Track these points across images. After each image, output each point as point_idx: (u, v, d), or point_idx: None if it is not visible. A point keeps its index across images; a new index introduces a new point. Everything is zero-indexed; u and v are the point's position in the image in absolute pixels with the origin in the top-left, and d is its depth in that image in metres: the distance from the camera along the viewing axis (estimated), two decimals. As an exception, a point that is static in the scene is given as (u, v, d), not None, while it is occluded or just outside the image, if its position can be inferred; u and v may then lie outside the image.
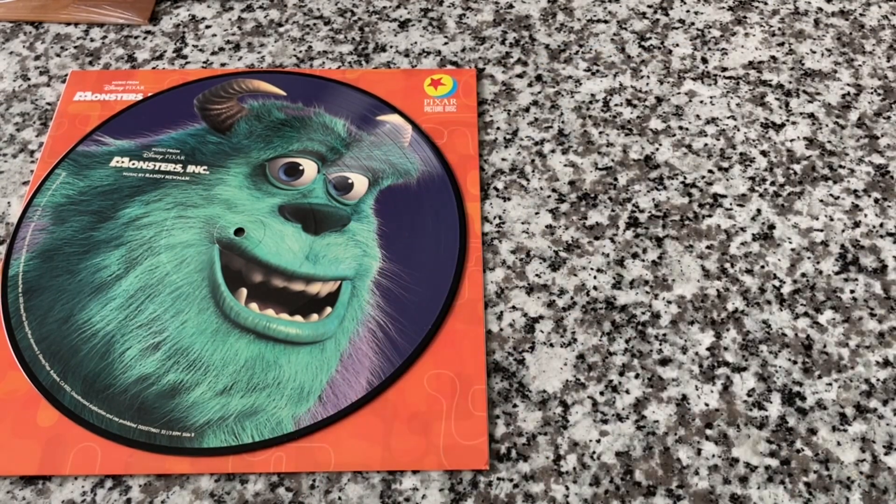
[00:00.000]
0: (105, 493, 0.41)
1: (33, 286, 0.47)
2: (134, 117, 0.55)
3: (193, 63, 0.59)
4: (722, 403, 0.44)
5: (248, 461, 0.41)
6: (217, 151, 0.53)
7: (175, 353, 0.44)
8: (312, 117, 0.54)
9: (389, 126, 0.54)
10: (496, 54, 0.59)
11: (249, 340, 0.45)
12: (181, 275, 0.47)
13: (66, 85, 0.57)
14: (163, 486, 0.41)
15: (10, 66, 0.59)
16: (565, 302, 0.47)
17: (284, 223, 0.49)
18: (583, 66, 0.59)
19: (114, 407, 0.43)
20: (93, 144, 0.53)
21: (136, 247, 0.48)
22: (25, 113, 0.56)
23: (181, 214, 0.50)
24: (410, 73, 0.57)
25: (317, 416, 0.43)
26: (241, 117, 0.54)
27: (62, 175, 0.51)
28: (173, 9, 0.62)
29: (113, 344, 0.45)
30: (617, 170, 0.53)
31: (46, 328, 0.45)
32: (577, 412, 0.44)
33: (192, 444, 0.42)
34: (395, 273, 0.48)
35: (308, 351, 0.45)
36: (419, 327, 0.46)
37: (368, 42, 0.60)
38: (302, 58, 0.59)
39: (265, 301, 0.46)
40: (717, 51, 0.60)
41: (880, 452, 0.42)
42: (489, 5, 0.63)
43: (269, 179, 0.51)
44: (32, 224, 0.49)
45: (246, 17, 0.62)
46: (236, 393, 0.43)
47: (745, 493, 0.41)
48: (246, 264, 0.47)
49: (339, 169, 0.52)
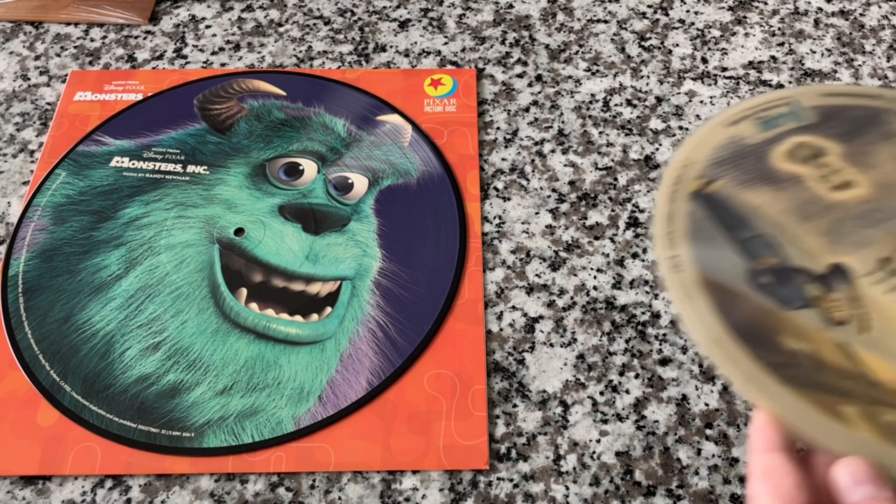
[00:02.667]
0: (105, 493, 0.41)
1: (33, 286, 0.47)
2: (134, 117, 0.55)
3: (193, 63, 0.59)
4: (722, 403, 0.44)
5: (248, 461, 0.41)
6: (217, 151, 0.53)
7: (175, 353, 0.44)
8: (312, 117, 0.54)
9: (389, 126, 0.54)
10: (496, 54, 0.59)
11: (249, 340, 0.45)
12: (181, 275, 0.47)
13: (66, 85, 0.57)
14: (163, 486, 0.41)
15: (10, 66, 0.59)
16: (565, 302, 0.47)
17: (284, 223, 0.49)
18: (583, 66, 0.59)
19: (114, 407, 0.43)
20: (93, 144, 0.53)
21: (136, 247, 0.48)
22: (25, 113, 0.56)
23: (181, 214, 0.50)
24: (410, 73, 0.57)
25: (317, 416, 0.43)
26: (241, 117, 0.54)
27: (62, 175, 0.51)
28: (173, 9, 0.62)
29: (113, 344, 0.45)
30: (617, 170, 0.53)
31: (46, 328, 0.45)
32: (577, 412, 0.44)
33: (192, 444, 0.42)
34: (395, 273, 0.48)
35: (308, 351, 0.45)
36: (419, 327, 0.45)
37: (368, 42, 0.60)
38: (302, 58, 0.59)
39: (265, 301, 0.46)
40: (717, 51, 0.60)
41: (880, 452, 0.42)
42: (489, 5, 0.63)
43: (269, 179, 0.51)
44: (32, 224, 0.49)
45: (246, 17, 0.62)
46: (236, 393, 0.43)
47: (745, 494, 0.41)
48: (246, 264, 0.47)
49: (339, 169, 0.52)
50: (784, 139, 0.39)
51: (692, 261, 0.34)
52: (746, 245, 0.35)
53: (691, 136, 0.39)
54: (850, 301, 0.33)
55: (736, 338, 0.32)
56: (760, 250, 0.35)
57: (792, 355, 0.32)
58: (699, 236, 0.35)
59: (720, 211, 0.36)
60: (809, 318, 0.33)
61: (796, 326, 0.33)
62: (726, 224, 0.36)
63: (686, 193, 0.36)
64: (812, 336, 0.32)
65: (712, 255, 0.34)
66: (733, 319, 0.32)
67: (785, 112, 0.40)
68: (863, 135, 0.39)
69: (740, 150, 0.38)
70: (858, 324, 0.33)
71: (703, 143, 0.39)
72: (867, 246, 0.35)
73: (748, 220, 0.36)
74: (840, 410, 0.30)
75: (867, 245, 0.35)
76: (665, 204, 0.36)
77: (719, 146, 0.38)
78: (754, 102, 0.40)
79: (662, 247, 0.34)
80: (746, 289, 0.33)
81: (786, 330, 0.32)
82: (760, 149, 0.38)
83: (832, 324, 0.33)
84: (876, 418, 0.30)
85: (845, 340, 0.32)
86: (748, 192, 0.37)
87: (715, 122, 0.40)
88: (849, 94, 0.41)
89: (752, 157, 0.38)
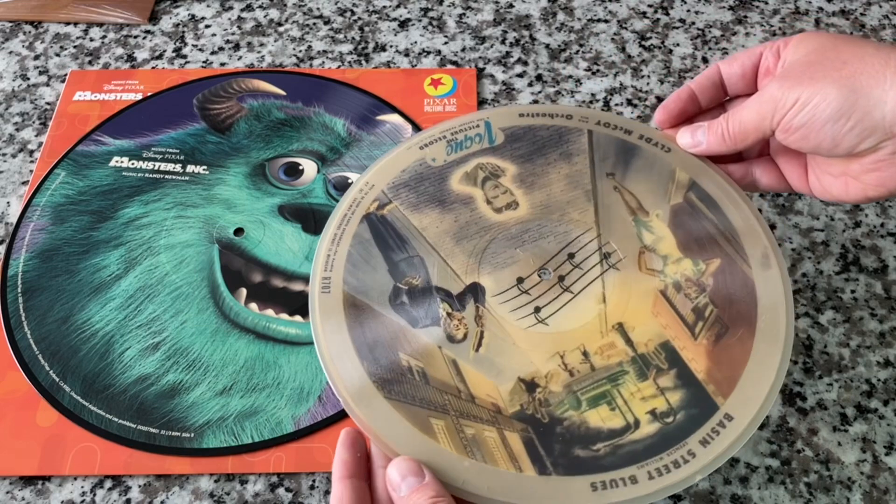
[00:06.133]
0: (105, 494, 0.41)
1: (33, 286, 0.47)
2: (133, 117, 0.55)
3: (193, 63, 0.59)
4: (722, 404, 0.44)
5: (248, 461, 0.41)
6: (217, 151, 0.53)
7: (175, 353, 0.44)
8: (312, 117, 0.54)
9: (389, 126, 0.54)
10: (496, 54, 0.59)
11: (249, 340, 0.45)
12: (181, 275, 0.47)
13: (65, 84, 0.57)
14: (162, 487, 0.41)
15: (9, 66, 0.59)
16: (565, 302, 0.47)
17: (284, 223, 0.49)
18: (583, 65, 0.58)
19: (113, 407, 0.43)
20: (92, 144, 0.53)
21: (135, 247, 0.48)
22: (25, 113, 0.56)
23: (181, 214, 0.50)
24: (410, 72, 0.57)
25: (316, 416, 0.42)
26: (241, 117, 0.54)
27: (61, 175, 0.51)
28: (173, 8, 0.62)
29: (112, 344, 0.45)
30: (617, 169, 0.53)
31: (46, 328, 0.45)
32: (577, 412, 0.43)
33: (191, 444, 0.42)
34: (395, 273, 0.47)
35: (308, 351, 0.44)
36: (419, 327, 0.45)
37: (368, 42, 0.60)
38: (302, 57, 0.59)
39: (265, 301, 0.46)
40: (717, 50, 0.59)
41: (881, 453, 0.42)
42: (489, 5, 0.62)
43: (269, 179, 0.51)
44: (32, 224, 0.49)
45: (245, 16, 0.62)
46: (236, 393, 0.43)
47: (745, 494, 0.41)
48: (246, 264, 0.47)
49: (338, 169, 0.52)
50: (467, 161, 0.41)
51: (341, 282, 0.36)
52: (398, 266, 0.37)
53: (381, 157, 0.41)
54: (474, 319, 0.36)
55: (358, 353, 0.34)
56: (408, 271, 0.37)
57: (405, 371, 0.34)
58: (358, 258, 0.37)
59: (385, 233, 0.38)
60: (433, 335, 0.35)
61: (418, 344, 0.35)
62: (386, 246, 0.38)
63: (359, 216, 0.39)
64: (430, 353, 0.35)
65: (364, 277, 0.37)
66: (362, 337, 0.35)
67: (476, 134, 0.42)
68: (543, 156, 0.41)
69: (424, 171, 0.40)
70: (475, 341, 0.35)
71: (391, 165, 0.41)
72: (508, 266, 0.38)
73: (408, 241, 0.38)
74: (431, 423, 0.32)
75: (509, 265, 0.38)
76: (335, 227, 0.38)
77: (405, 169, 0.40)
78: (450, 125, 0.42)
79: (318, 267, 0.37)
80: (384, 308, 0.36)
81: (406, 347, 0.35)
82: (443, 171, 0.40)
83: (452, 341, 0.35)
84: (461, 431, 0.32)
85: (456, 357, 0.35)
86: (417, 215, 0.39)
87: (409, 143, 0.41)
88: (542, 113, 0.43)
89: (433, 178, 0.40)
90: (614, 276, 0.37)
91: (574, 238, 0.38)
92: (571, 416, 0.33)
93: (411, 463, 0.30)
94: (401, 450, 0.32)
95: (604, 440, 0.32)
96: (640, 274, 0.37)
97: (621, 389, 0.34)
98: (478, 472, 0.31)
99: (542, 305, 0.36)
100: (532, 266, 0.37)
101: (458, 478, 0.31)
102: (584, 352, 0.35)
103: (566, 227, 0.39)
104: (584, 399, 0.33)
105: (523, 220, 0.39)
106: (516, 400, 0.33)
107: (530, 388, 0.34)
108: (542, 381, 0.34)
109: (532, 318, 0.36)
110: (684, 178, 0.40)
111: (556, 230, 0.39)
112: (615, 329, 0.35)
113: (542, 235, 0.38)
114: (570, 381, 0.34)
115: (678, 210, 0.39)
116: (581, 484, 0.31)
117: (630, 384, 0.34)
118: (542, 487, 0.31)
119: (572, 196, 0.40)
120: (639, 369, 0.34)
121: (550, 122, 0.42)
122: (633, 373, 0.34)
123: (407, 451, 0.31)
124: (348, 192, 0.39)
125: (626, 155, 0.41)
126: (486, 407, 0.33)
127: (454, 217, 0.39)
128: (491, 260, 0.38)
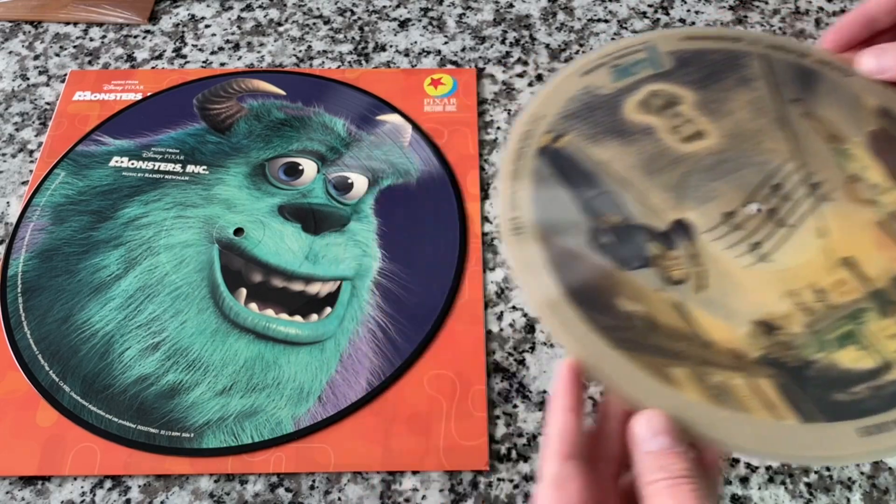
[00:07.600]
0: (104, 494, 0.41)
1: (32, 286, 0.47)
2: (133, 117, 0.55)
3: (193, 63, 0.59)
4: (722, 404, 0.44)
5: (248, 461, 0.41)
6: (216, 151, 0.53)
7: (174, 353, 0.44)
8: (312, 117, 0.54)
9: (389, 126, 0.54)
10: (496, 54, 0.59)
11: (249, 340, 0.45)
12: (180, 275, 0.47)
13: (65, 84, 0.57)
14: (162, 487, 0.41)
15: (9, 66, 0.59)
16: (565, 302, 0.47)
17: (284, 223, 0.49)
18: (583, 65, 0.58)
19: (113, 407, 0.43)
20: (92, 144, 0.53)
21: (135, 247, 0.48)
22: (24, 113, 0.56)
23: (180, 214, 0.50)
24: (410, 72, 0.57)
25: (316, 416, 0.42)
26: (241, 117, 0.54)
27: (61, 175, 0.51)
28: (172, 8, 0.62)
29: (112, 344, 0.45)
30: (617, 169, 0.53)
31: (46, 328, 0.45)
32: (577, 412, 0.43)
33: (191, 444, 0.42)
34: (395, 273, 0.48)
35: (308, 351, 0.44)
36: (419, 327, 0.45)
37: (368, 41, 0.60)
38: (302, 57, 0.59)
39: (265, 301, 0.46)
40: (717, 50, 0.59)
41: (881, 453, 0.42)
42: (489, 5, 0.62)
43: (269, 179, 0.51)
44: (32, 224, 0.49)
45: (245, 16, 0.62)
46: (236, 393, 0.43)
47: (745, 494, 0.41)
48: (245, 264, 0.47)
49: (338, 169, 0.52)
50: (638, 88, 0.37)
51: (533, 222, 0.33)
52: (590, 203, 0.34)
53: (543, 87, 0.37)
54: (690, 259, 0.33)
55: (571, 301, 0.31)
56: (604, 208, 0.34)
57: (627, 317, 0.31)
58: (543, 196, 0.34)
59: (567, 168, 0.35)
60: (647, 278, 0.32)
61: (633, 287, 0.32)
62: (572, 182, 0.34)
63: (533, 150, 0.35)
64: (648, 297, 0.31)
65: (555, 216, 0.33)
66: (570, 282, 0.31)
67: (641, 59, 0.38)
68: (719, 81, 0.38)
69: (593, 101, 0.37)
70: (696, 282, 0.32)
71: (555, 94, 0.37)
72: (712, 200, 0.34)
73: (595, 176, 0.35)
74: (669, 373, 0.29)
75: (712, 199, 0.34)
76: (511, 162, 0.35)
77: (572, 98, 0.37)
78: (611, 49, 0.38)
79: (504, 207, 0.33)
80: (587, 249, 0.32)
81: (622, 291, 0.31)
82: (613, 99, 0.37)
83: (670, 283, 0.32)
84: (704, 379, 0.29)
85: (681, 300, 0.31)
86: (597, 147, 0.35)
87: (568, 71, 0.38)
88: (709, 37, 0.39)
89: (605, 108, 0.37)
90: (828, 207, 0.34)
91: (775, 168, 0.35)
92: (820, 358, 0.30)
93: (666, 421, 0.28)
94: (648, 403, 0.29)
95: (860, 382, 0.30)
96: (853, 205, 0.34)
97: (865, 328, 0.31)
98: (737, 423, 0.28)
99: (759, 241, 0.33)
100: (736, 200, 0.34)
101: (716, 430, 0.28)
102: (817, 289, 0.32)
103: (763, 157, 0.35)
104: (828, 340, 0.31)
105: (715, 151, 0.36)
106: (757, 344, 0.30)
107: (769, 331, 0.31)
108: (780, 322, 0.31)
109: (751, 256, 0.33)
110: (873, 104, 0.37)
111: (753, 160, 0.35)
112: (842, 264, 0.33)
113: (739, 167, 0.35)
114: (809, 321, 0.31)
115: (877, 136, 0.36)
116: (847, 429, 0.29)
117: (872, 322, 0.31)
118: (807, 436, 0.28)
119: (761, 124, 0.36)
120: (879, 305, 0.31)
121: (719, 46, 0.39)
122: (874, 309, 0.31)
123: (655, 403, 0.29)
124: (516, 126, 0.36)
125: (807, 80, 0.37)
126: (725, 353, 0.30)
127: (638, 149, 0.35)
128: (691, 194, 0.34)
